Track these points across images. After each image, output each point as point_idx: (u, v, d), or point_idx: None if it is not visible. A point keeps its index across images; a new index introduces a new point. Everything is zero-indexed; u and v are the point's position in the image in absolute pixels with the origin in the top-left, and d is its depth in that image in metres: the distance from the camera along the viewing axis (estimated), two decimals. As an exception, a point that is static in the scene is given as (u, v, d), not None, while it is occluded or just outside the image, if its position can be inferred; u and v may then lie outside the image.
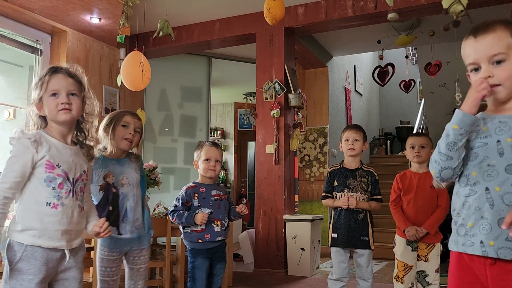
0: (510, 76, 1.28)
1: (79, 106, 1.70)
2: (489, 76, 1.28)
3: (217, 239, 2.51)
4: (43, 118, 1.71)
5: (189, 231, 2.51)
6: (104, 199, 2.16)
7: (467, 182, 1.32)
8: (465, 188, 1.32)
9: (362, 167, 2.87)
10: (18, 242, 1.59)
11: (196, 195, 2.52)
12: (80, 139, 1.76)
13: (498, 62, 1.28)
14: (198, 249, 2.50)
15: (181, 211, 2.48)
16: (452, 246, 1.36)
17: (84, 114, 1.78)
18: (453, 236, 1.36)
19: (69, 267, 1.67)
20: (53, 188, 1.61)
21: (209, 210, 2.50)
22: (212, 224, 2.49)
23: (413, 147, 2.75)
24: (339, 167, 2.89)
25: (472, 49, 1.32)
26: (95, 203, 2.13)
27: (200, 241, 2.49)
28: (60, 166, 1.63)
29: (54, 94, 1.66)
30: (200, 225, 2.46)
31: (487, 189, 1.26)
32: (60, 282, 1.66)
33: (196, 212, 2.46)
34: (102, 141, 2.23)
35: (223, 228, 2.53)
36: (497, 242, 1.23)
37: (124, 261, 2.28)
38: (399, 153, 2.89)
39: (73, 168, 1.67)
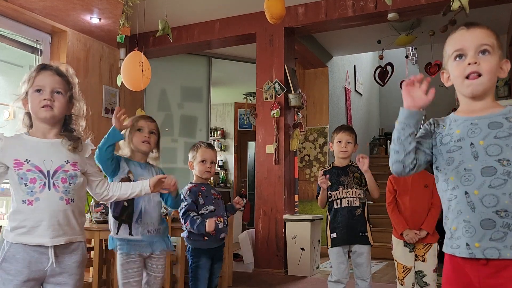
0: (492, 70, 1.33)
1: (62, 104, 1.67)
2: (475, 63, 1.32)
3: (221, 236, 2.55)
4: (30, 117, 1.70)
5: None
6: None
7: (447, 186, 1.36)
8: (446, 192, 1.36)
9: (352, 164, 2.88)
10: (6, 241, 1.59)
11: (200, 193, 2.56)
12: (67, 136, 1.72)
13: (484, 53, 1.33)
14: (202, 248, 2.51)
15: (194, 217, 2.47)
16: (444, 248, 1.40)
17: (72, 115, 1.77)
18: (445, 239, 1.40)
19: (61, 272, 1.62)
20: (25, 184, 1.58)
21: (212, 207, 2.55)
22: (216, 221, 2.51)
23: None
24: (330, 168, 2.90)
25: (462, 37, 1.37)
26: None
27: (206, 238, 2.50)
28: (29, 160, 1.60)
29: (38, 90, 1.65)
30: (211, 233, 2.44)
31: (466, 193, 1.29)
32: (50, 285, 1.62)
33: (205, 219, 2.45)
34: (122, 148, 2.29)
35: (225, 225, 2.59)
36: (482, 243, 1.26)
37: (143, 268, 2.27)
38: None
39: (47, 160, 1.62)
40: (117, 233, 2.16)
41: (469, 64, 1.33)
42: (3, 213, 3.98)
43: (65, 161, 1.66)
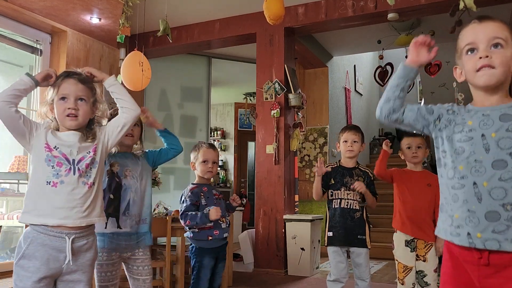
0: (505, 63, 1.31)
1: (86, 111, 1.75)
2: (487, 56, 1.31)
3: (224, 236, 2.56)
4: (57, 121, 1.77)
5: (197, 230, 2.51)
6: (106, 187, 2.14)
7: (454, 174, 1.34)
8: (453, 180, 1.35)
9: (359, 167, 2.89)
10: (23, 237, 1.64)
11: (202, 194, 2.56)
12: (89, 135, 1.79)
13: (496, 46, 1.32)
14: (206, 248, 2.51)
15: (193, 212, 2.47)
16: (440, 233, 1.39)
17: (96, 116, 1.85)
18: (442, 224, 1.38)
19: (76, 270, 1.68)
20: (53, 166, 1.66)
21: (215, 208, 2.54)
22: (219, 221, 2.53)
23: (409, 148, 2.76)
24: (336, 165, 2.90)
25: (474, 31, 1.36)
26: None
27: (210, 238, 2.50)
28: (58, 148, 1.69)
29: (63, 98, 1.73)
30: (213, 222, 2.46)
31: (474, 183, 1.29)
32: (64, 283, 1.67)
33: (208, 209, 2.46)
34: None
35: (227, 225, 2.60)
36: (484, 234, 1.26)
37: (127, 273, 2.23)
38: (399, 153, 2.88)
39: (74, 150, 1.71)
40: (105, 227, 2.10)
41: (480, 57, 1.32)
42: (3, 213, 3.98)
43: (87, 152, 1.74)
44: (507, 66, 1.32)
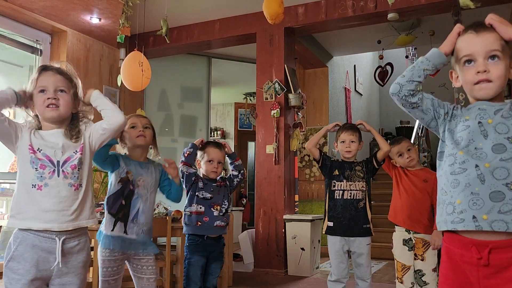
0: (501, 75, 1.34)
1: (67, 102, 1.69)
2: (485, 71, 1.34)
3: (215, 224, 2.54)
4: (38, 118, 1.73)
5: (189, 213, 2.55)
6: (120, 191, 2.19)
7: (454, 160, 1.35)
8: (452, 166, 1.35)
9: (356, 160, 2.92)
10: (13, 239, 1.61)
11: (201, 179, 2.61)
12: (73, 132, 1.74)
13: (493, 58, 1.34)
14: (197, 245, 2.52)
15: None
16: (441, 226, 1.38)
17: (80, 112, 1.79)
18: (441, 216, 1.38)
19: (67, 272, 1.63)
20: (36, 169, 1.61)
21: (209, 195, 2.58)
22: (212, 208, 2.55)
23: (401, 155, 2.77)
24: (338, 160, 2.95)
25: (472, 42, 1.37)
26: (111, 193, 2.19)
27: (199, 223, 2.52)
28: (41, 150, 1.64)
29: (42, 91, 1.68)
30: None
31: (476, 166, 1.30)
32: (56, 287, 1.63)
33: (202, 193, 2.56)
34: (120, 152, 2.32)
35: (221, 214, 2.58)
36: (490, 216, 1.25)
37: (131, 272, 2.27)
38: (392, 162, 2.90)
39: (58, 151, 1.66)
40: (112, 230, 2.17)
41: (478, 72, 1.34)
42: (3, 213, 3.98)
43: (73, 152, 1.69)
44: (503, 79, 1.35)
